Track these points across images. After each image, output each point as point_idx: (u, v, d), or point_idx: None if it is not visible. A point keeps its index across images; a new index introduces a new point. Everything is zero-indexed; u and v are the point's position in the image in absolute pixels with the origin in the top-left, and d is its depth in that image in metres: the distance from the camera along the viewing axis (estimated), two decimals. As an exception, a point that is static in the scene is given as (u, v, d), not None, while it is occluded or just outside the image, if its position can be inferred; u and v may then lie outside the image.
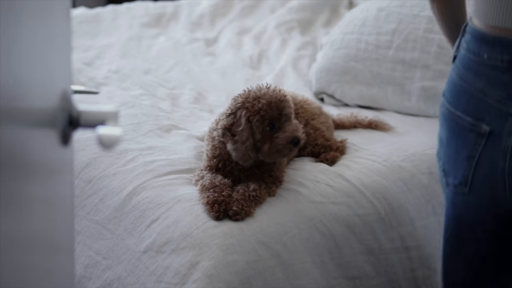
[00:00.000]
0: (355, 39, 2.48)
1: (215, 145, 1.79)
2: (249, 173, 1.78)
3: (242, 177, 1.79)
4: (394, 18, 2.43)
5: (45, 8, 0.87)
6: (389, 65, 2.39)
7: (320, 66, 2.55)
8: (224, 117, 1.75)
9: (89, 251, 1.83)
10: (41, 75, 0.86)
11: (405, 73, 2.36)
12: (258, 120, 1.70)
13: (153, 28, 3.18)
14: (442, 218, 2.00)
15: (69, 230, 1.02)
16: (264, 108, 1.70)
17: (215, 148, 1.80)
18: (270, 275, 1.68)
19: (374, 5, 2.53)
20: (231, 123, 1.72)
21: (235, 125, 1.72)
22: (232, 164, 1.78)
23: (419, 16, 2.39)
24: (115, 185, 1.86)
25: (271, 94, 1.72)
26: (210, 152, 1.81)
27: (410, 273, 1.92)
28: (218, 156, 1.79)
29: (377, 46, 2.42)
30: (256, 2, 3.43)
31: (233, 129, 1.72)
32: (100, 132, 0.88)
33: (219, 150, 1.79)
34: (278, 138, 1.70)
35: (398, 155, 2.03)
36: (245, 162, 1.73)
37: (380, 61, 2.41)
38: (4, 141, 0.73)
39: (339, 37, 2.53)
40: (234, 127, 1.72)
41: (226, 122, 1.73)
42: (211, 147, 1.81)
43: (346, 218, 1.82)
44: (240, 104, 1.72)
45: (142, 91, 2.44)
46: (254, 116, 1.70)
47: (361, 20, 2.51)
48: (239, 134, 1.70)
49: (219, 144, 1.78)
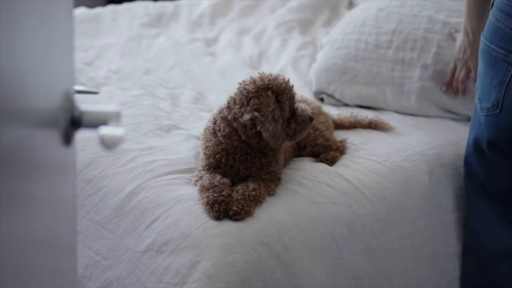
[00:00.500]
0: (355, 39, 2.48)
1: (218, 140, 1.78)
2: (250, 165, 1.78)
3: (241, 168, 1.78)
4: (394, 18, 2.43)
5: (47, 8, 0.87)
6: (389, 65, 2.39)
7: (320, 66, 2.55)
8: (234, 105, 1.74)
9: (89, 251, 1.83)
10: (43, 75, 0.86)
11: (404, 73, 2.36)
12: (287, 99, 1.74)
13: (153, 28, 3.18)
14: (442, 218, 2.01)
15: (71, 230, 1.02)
16: (288, 88, 1.75)
17: (219, 143, 1.78)
18: (270, 275, 1.68)
19: (374, 5, 2.53)
20: (259, 104, 1.70)
21: (262, 106, 1.70)
22: (235, 156, 1.78)
23: (419, 16, 2.39)
24: (115, 185, 1.86)
25: (280, 78, 1.76)
26: (210, 149, 1.80)
27: (411, 273, 1.93)
28: (221, 152, 1.79)
29: (377, 46, 2.42)
30: (256, 2, 3.43)
31: (262, 110, 1.70)
32: (102, 132, 0.88)
33: (224, 144, 1.78)
34: (301, 116, 1.75)
35: (398, 155, 2.03)
36: (278, 142, 1.72)
37: (380, 61, 2.41)
38: (6, 141, 0.73)
39: (339, 37, 2.53)
40: (262, 107, 1.70)
41: (253, 104, 1.71)
42: (212, 144, 1.80)
43: (346, 218, 1.82)
44: (263, 86, 1.72)
45: (142, 91, 2.44)
46: (281, 95, 1.73)
47: (361, 20, 2.51)
48: (270, 113, 1.70)
49: (223, 139, 1.77)
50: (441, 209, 2.00)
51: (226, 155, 1.79)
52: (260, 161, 1.78)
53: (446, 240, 2.01)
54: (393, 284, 1.89)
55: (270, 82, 1.73)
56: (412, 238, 1.93)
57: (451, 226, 2.02)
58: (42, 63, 0.86)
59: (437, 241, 1.98)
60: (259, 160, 1.78)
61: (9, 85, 0.73)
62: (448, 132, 2.19)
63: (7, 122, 0.72)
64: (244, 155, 1.78)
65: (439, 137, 2.15)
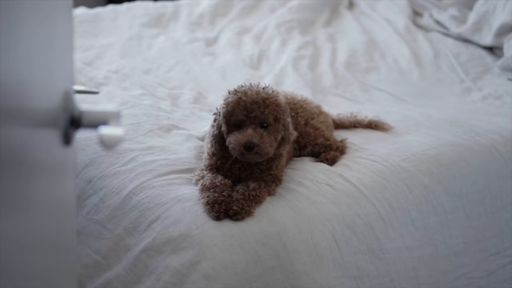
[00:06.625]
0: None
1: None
2: (249, 171, 1.78)
3: (242, 175, 1.79)
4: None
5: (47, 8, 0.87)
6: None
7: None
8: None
9: (89, 251, 1.83)
10: (43, 75, 0.86)
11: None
12: (223, 114, 1.73)
13: (153, 28, 3.18)
14: (442, 218, 2.01)
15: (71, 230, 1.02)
16: (231, 105, 1.71)
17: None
18: (270, 276, 1.68)
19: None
20: (218, 111, 1.78)
21: (216, 114, 1.78)
22: (228, 161, 1.78)
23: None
24: (115, 185, 1.86)
25: (249, 94, 1.71)
26: (211, 149, 1.81)
27: (411, 273, 1.93)
28: (217, 154, 1.80)
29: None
30: (256, 2, 3.43)
31: (215, 117, 1.78)
32: (102, 132, 0.88)
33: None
34: (232, 137, 1.71)
35: (398, 155, 2.03)
36: (210, 148, 1.80)
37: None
38: (6, 141, 0.73)
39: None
40: (216, 115, 1.78)
41: (218, 109, 1.79)
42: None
43: (346, 218, 1.82)
44: (225, 97, 1.76)
45: (142, 91, 2.44)
46: (222, 109, 1.74)
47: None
48: (215, 122, 1.77)
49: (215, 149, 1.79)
50: (441, 209, 2.00)
51: (221, 159, 1.79)
52: (259, 168, 1.78)
53: (446, 240, 2.01)
54: (393, 284, 1.89)
55: (227, 95, 1.75)
56: (412, 238, 1.93)
57: (451, 226, 2.02)
58: (42, 63, 0.85)
59: (437, 241, 1.98)
60: (257, 167, 1.78)
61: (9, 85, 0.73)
62: (448, 132, 2.19)
63: (7, 122, 0.72)
64: (238, 161, 1.78)
65: (439, 137, 2.14)
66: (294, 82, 2.67)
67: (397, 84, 2.77)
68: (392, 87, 2.73)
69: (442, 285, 2.00)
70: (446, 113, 2.39)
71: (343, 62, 2.93)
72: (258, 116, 1.69)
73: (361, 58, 2.97)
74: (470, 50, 3.02)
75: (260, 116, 1.69)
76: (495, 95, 2.63)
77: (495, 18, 2.97)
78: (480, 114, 2.40)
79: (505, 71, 2.81)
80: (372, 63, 2.95)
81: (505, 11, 2.93)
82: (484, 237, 2.07)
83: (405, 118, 2.31)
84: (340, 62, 2.93)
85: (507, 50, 2.84)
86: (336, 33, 3.21)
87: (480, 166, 2.09)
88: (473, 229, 2.06)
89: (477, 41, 3.04)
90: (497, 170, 2.11)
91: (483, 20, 3.02)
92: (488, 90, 2.68)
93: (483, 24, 3.02)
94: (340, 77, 2.80)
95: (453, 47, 3.05)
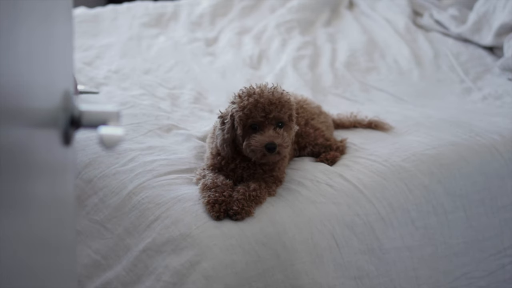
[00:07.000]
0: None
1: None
2: (252, 172, 1.78)
3: (244, 175, 1.79)
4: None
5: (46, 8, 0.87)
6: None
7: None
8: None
9: (89, 251, 1.83)
10: (43, 75, 0.86)
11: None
12: (240, 117, 1.71)
13: (153, 28, 3.18)
14: (442, 218, 2.01)
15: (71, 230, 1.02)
16: (249, 107, 1.70)
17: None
18: (270, 276, 1.68)
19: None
20: (226, 114, 1.76)
21: (224, 117, 1.76)
22: (235, 161, 1.78)
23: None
24: (115, 185, 1.86)
25: (265, 94, 1.71)
26: (215, 150, 1.81)
27: (411, 273, 1.93)
28: (227, 156, 1.79)
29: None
30: (256, 2, 3.43)
31: (224, 120, 1.76)
32: (102, 132, 0.88)
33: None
34: (253, 139, 1.70)
35: (398, 155, 2.03)
36: (222, 152, 1.78)
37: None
38: (6, 141, 0.73)
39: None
40: (224, 118, 1.76)
41: (223, 112, 1.77)
42: (215, 145, 1.81)
43: (346, 218, 1.82)
44: (233, 99, 1.75)
45: (142, 91, 2.44)
46: (237, 112, 1.72)
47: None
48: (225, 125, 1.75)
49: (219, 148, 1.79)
50: (441, 209, 2.00)
51: (226, 159, 1.79)
52: (262, 168, 1.78)
53: (446, 240, 2.01)
54: (393, 284, 1.89)
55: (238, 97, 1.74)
56: (412, 238, 1.93)
57: (451, 226, 2.02)
58: (42, 63, 0.85)
59: (437, 241, 1.98)
60: (260, 167, 1.78)
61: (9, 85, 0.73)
62: (448, 132, 2.19)
63: (6, 122, 0.72)
64: (244, 161, 1.78)
65: (439, 137, 2.14)
66: (294, 82, 2.67)
67: (397, 84, 2.77)
68: (392, 87, 2.73)
69: (442, 285, 2.00)
70: (446, 113, 2.39)
71: (343, 62, 2.93)
72: (276, 116, 1.70)
73: (361, 58, 2.97)
74: (470, 50, 3.02)
75: (278, 116, 1.71)
76: (495, 95, 2.63)
77: (495, 18, 2.97)
78: (480, 114, 2.40)
79: (505, 71, 2.81)
80: (372, 63, 2.95)
81: (505, 11, 2.93)
82: (484, 237, 2.07)
83: (405, 118, 2.31)
84: (340, 62, 2.93)
85: (507, 50, 2.85)
86: (336, 33, 3.21)
87: (480, 166, 2.09)
88: (473, 229, 2.05)
89: (477, 41, 3.04)
90: (497, 170, 2.11)
91: (483, 20, 3.02)
92: (488, 90, 2.68)
93: (483, 24, 3.02)
94: (340, 77, 2.80)
95: (453, 47, 3.05)
